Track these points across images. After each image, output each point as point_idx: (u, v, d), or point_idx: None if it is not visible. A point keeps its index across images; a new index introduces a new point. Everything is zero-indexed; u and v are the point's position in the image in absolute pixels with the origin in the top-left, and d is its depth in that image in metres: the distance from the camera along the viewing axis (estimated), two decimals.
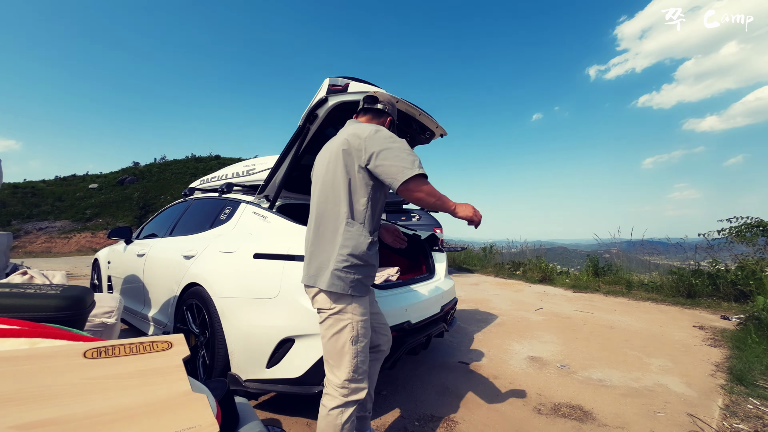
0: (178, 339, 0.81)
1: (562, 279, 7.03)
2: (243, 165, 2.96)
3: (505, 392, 2.19)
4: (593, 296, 5.59)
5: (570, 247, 16.74)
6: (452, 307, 2.57)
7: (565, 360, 2.76)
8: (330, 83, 1.92)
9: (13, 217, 23.95)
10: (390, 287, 2.10)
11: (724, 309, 4.43)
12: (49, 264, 11.47)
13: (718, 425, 1.83)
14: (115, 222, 24.36)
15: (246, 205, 2.41)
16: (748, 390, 2.18)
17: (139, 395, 0.63)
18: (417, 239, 2.98)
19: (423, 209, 8.11)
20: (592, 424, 1.85)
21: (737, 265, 4.93)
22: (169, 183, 31.82)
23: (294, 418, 1.84)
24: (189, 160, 40.54)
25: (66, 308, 1.06)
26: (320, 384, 1.64)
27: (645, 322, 3.95)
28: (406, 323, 1.95)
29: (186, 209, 3.04)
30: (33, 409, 0.55)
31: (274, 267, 1.79)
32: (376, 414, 1.90)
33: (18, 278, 1.65)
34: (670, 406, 2.04)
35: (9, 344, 0.76)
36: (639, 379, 2.42)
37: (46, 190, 28.79)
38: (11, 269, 1.91)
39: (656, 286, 5.61)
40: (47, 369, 0.63)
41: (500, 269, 8.71)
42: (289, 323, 1.69)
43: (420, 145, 2.89)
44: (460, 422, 1.84)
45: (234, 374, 1.77)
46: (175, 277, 2.31)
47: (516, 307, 4.75)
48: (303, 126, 2.08)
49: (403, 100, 2.19)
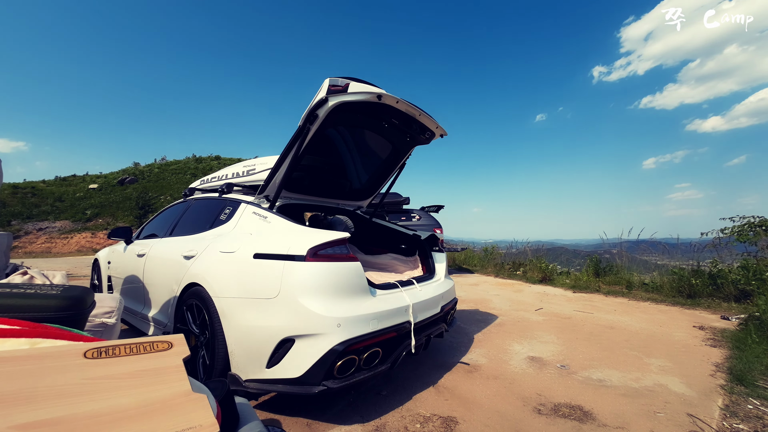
0: (178, 339, 0.81)
1: (562, 279, 7.02)
2: (243, 165, 2.96)
3: (505, 392, 2.19)
4: (593, 296, 5.59)
5: (570, 247, 16.72)
6: (452, 308, 2.58)
7: (565, 360, 2.76)
8: (330, 84, 1.93)
9: (13, 217, 23.94)
10: (390, 287, 2.10)
11: (724, 309, 4.43)
12: (49, 264, 11.47)
13: (718, 425, 1.83)
14: (115, 222, 24.34)
15: (246, 205, 2.41)
16: (748, 390, 2.18)
17: (140, 395, 0.63)
18: (417, 239, 2.98)
19: (423, 209, 8.11)
20: (592, 424, 1.85)
21: (739, 264, 4.93)
22: (169, 183, 31.81)
23: (294, 418, 1.84)
24: (189, 160, 40.53)
25: (66, 308, 1.06)
26: (320, 384, 1.64)
27: (645, 322, 3.95)
28: (406, 323, 1.95)
29: (186, 209, 3.04)
30: (33, 409, 0.55)
31: (274, 267, 1.79)
32: (376, 414, 1.90)
33: (18, 278, 1.65)
34: (670, 406, 2.04)
35: (9, 344, 0.76)
36: (639, 379, 2.42)
37: (46, 191, 28.77)
38: (11, 269, 1.90)
39: (656, 286, 5.61)
40: (47, 369, 0.63)
41: (500, 269, 8.71)
42: (289, 323, 1.69)
43: (420, 145, 2.89)
44: (460, 422, 1.84)
45: (234, 374, 1.78)
46: (175, 277, 2.31)
47: (516, 307, 4.75)
48: (303, 126, 2.08)
49: (404, 101, 2.20)
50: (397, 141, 2.84)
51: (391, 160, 3.05)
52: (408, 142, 2.83)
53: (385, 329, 1.83)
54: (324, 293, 1.74)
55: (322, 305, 1.70)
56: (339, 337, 1.65)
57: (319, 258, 1.78)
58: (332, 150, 2.93)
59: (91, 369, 0.66)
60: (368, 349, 1.77)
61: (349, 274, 1.83)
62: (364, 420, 1.84)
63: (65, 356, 0.67)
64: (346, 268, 1.83)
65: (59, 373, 0.63)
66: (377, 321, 1.81)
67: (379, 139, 2.84)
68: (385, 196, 3.32)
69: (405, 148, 2.92)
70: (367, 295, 1.89)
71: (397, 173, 3.14)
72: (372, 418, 1.86)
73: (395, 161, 3.04)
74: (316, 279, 1.74)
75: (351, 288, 1.82)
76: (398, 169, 3.10)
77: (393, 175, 3.16)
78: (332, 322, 1.67)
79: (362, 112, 2.33)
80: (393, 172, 3.14)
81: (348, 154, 3.03)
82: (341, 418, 1.85)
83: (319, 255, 1.78)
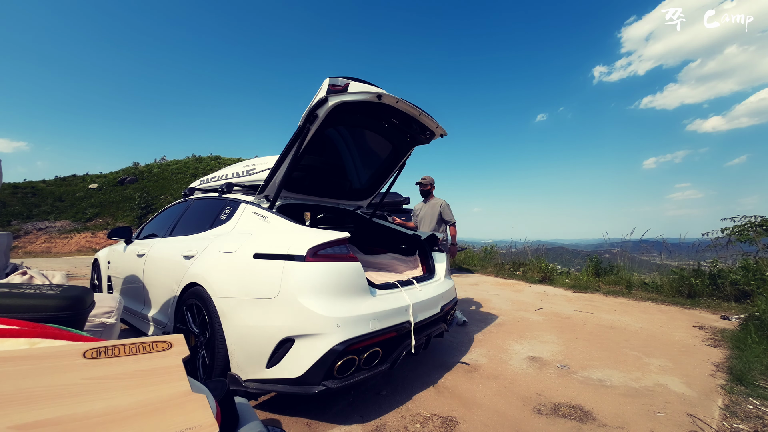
0: (177, 339, 0.80)
1: (562, 279, 7.02)
2: (243, 165, 2.96)
3: (505, 392, 2.19)
4: (593, 296, 5.59)
5: (570, 247, 16.73)
6: (452, 307, 2.58)
7: (565, 360, 2.76)
8: (330, 83, 1.93)
9: (13, 217, 23.94)
10: (390, 287, 2.10)
11: (724, 309, 4.43)
12: (49, 264, 11.47)
13: (718, 425, 1.82)
14: (115, 222, 24.34)
15: (246, 205, 2.41)
16: (748, 390, 2.17)
17: (139, 395, 0.63)
18: (417, 239, 2.98)
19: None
20: (592, 424, 1.85)
21: (739, 264, 4.92)
22: (169, 183, 31.80)
23: (294, 418, 1.84)
24: (189, 160, 40.52)
25: (66, 308, 1.05)
26: (320, 384, 1.64)
27: (645, 322, 3.95)
28: (406, 323, 1.95)
29: (186, 209, 3.04)
30: (33, 409, 0.55)
31: (274, 267, 1.79)
32: (376, 414, 1.90)
33: (18, 278, 1.65)
34: (670, 406, 2.04)
35: (9, 344, 0.76)
36: (639, 379, 2.42)
37: (46, 190, 28.77)
38: (11, 269, 1.90)
39: (656, 286, 5.61)
40: (47, 369, 0.63)
41: (500, 269, 8.71)
42: (288, 323, 1.69)
43: (420, 145, 2.89)
44: (460, 422, 1.84)
45: (234, 374, 1.77)
46: (175, 277, 2.31)
47: (516, 307, 4.75)
48: (303, 126, 2.08)
49: (404, 101, 2.20)
50: (397, 141, 2.84)
51: (391, 160, 3.05)
52: (408, 142, 2.83)
53: (385, 329, 1.83)
54: (324, 293, 1.74)
55: (321, 305, 1.70)
56: (339, 337, 1.65)
57: (319, 258, 1.77)
58: (332, 150, 2.93)
59: (90, 369, 0.66)
60: (368, 349, 1.77)
61: (349, 274, 1.83)
62: (364, 420, 1.84)
63: (64, 356, 0.67)
64: (346, 267, 1.83)
65: (58, 373, 0.63)
66: (377, 321, 1.81)
67: (379, 139, 2.85)
68: (385, 196, 3.32)
69: (405, 148, 2.92)
70: (367, 295, 1.89)
71: (397, 173, 3.14)
72: (372, 417, 1.86)
73: (395, 161, 3.04)
74: (316, 279, 1.74)
75: (351, 288, 1.82)
76: (398, 169, 3.10)
77: (393, 175, 3.16)
78: (332, 322, 1.66)
79: (362, 112, 2.32)
80: (393, 172, 3.14)
81: (348, 154, 3.03)
82: (341, 418, 1.85)
83: (319, 255, 1.78)
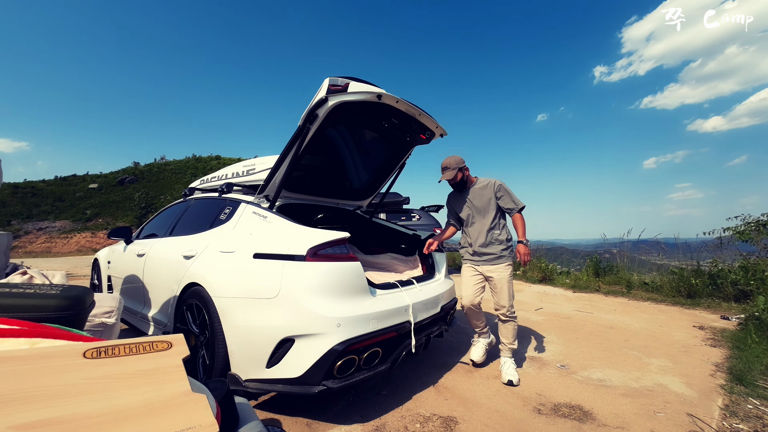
0: (177, 339, 0.80)
1: (562, 279, 7.02)
2: (243, 165, 2.96)
3: (505, 392, 2.19)
4: (593, 296, 5.59)
5: (570, 247, 16.73)
6: (452, 307, 2.58)
7: (564, 360, 2.76)
8: (330, 83, 1.93)
9: (13, 217, 23.95)
10: (390, 287, 2.10)
11: (724, 309, 4.43)
12: (49, 264, 11.47)
13: (718, 425, 1.83)
14: (115, 222, 24.35)
15: (246, 205, 2.41)
16: (748, 390, 2.17)
17: (139, 395, 0.63)
18: (417, 239, 2.98)
19: (423, 209, 8.10)
20: (592, 424, 1.85)
21: (739, 264, 4.92)
22: (169, 183, 31.82)
23: (294, 418, 1.84)
24: (189, 160, 40.52)
25: (66, 308, 1.05)
26: (320, 384, 1.64)
27: (645, 322, 3.95)
28: (406, 323, 1.95)
29: (186, 209, 3.04)
30: (33, 409, 0.55)
31: (274, 267, 1.79)
32: (376, 414, 1.90)
33: (18, 278, 1.65)
34: (670, 406, 2.04)
35: (9, 344, 0.76)
36: (639, 379, 2.42)
37: (46, 190, 28.78)
38: (11, 269, 1.90)
39: (656, 286, 5.60)
40: (47, 369, 0.63)
41: None
42: (288, 323, 1.69)
43: (420, 144, 2.89)
44: (460, 422, 1.84)
45: (234, 374, 1.77)
46: (175, 277, 2.31)
47: (516, 307, 4.74)
48: (303, 126, 2.08)
49: (404, 101, 2.20)
50: (396, 141, 2.84)
51: (391, 160, 3.05)
52: (408, 141, 2.83)
53: (385, 329, 1.83)
54: (324, 293, 1.74)
55: (321, 305, 1.70)
56: (339, 337, 1.65)
57: (318, 258, 1.78)
58: (332, 150, 2.93)
59: (90, 369, 0.66)
60: (368, 349, 1.77)
61: (349, 273, 1.83)
62: (364, 420, 1.84)
63: (64, 356, 0.67)
64: (345, 267, 1.83)
65: (58, 373, 0.63)
66: (377, 321, 1.81)
67: (379, 138, 2.85)
68: (385, 195, 3.32)
69: (405, 148, 2.93)
70: (367, 294, 1.89)
71: (397, 173, 3.14)
72: (372, 417, 1.86)
73: (395, 161, 3.04)
74: (316, 279, 1.74)
75: (351, 288, 1.82)
76: (398, 168, 3.10)
77: (393, 174, 3.16)
78: (332, 321, 1.66)
79: (362, 111, 2.32)
80: (393, 172, 3.14)
81: (348, 154, 3.03)
82: (341, 418, 1.85)
83: (319, 255, 1.78)
